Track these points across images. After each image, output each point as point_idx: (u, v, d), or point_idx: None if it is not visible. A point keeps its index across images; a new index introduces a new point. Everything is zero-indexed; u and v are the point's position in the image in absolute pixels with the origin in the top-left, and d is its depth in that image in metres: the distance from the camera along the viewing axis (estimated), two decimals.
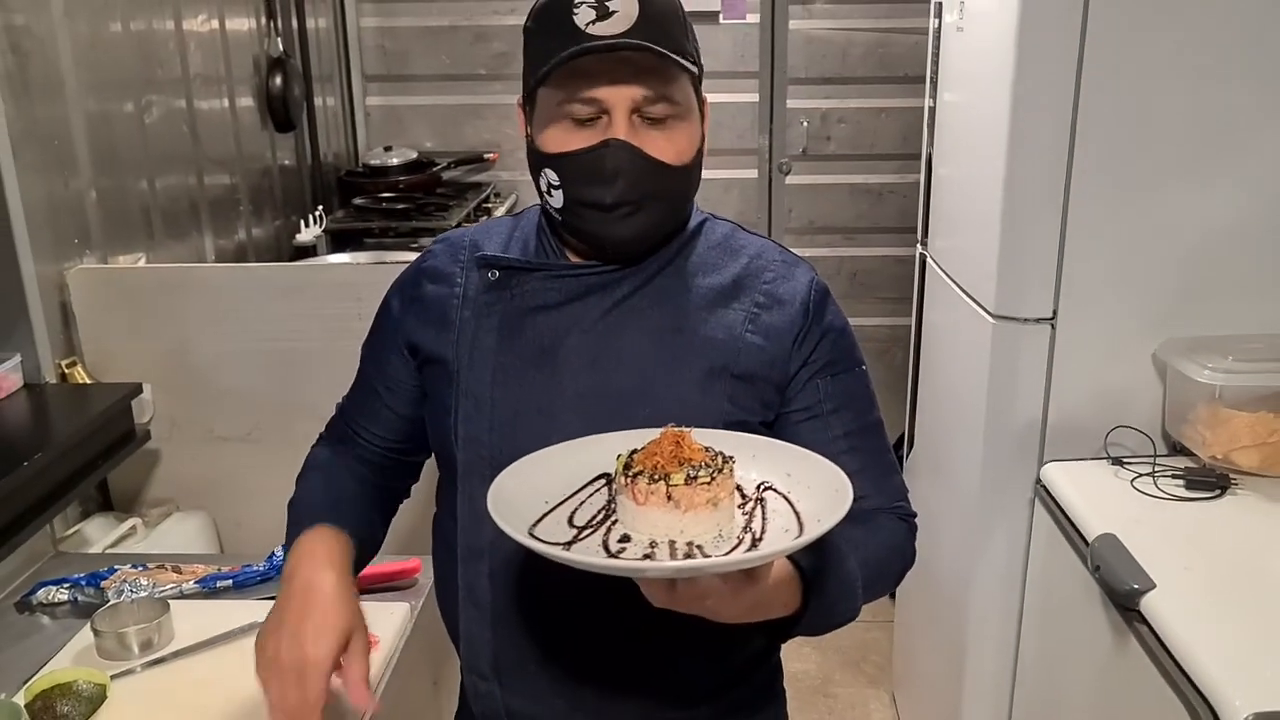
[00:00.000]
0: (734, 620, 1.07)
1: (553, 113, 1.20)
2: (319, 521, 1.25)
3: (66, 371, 2.16)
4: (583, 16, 1.15)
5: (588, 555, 1.00)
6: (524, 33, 1.23)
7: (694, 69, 1.20)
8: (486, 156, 3.92)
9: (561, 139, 1.20)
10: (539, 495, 1.09)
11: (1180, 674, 1.53)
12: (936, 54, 2.58)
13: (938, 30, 2.57)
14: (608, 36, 1.14)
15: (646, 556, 1.01)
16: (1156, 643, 1.61)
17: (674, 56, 1.15)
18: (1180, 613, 1.60)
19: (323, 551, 1.21)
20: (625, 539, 1.04)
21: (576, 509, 1.09)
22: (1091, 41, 1.94)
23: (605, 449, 1.12)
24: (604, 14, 1.15)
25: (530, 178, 1.27)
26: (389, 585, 1.79)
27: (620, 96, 1.17)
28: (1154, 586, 1.66)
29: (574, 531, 1.05)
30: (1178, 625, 1.58)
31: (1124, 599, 1.69)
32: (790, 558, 1.07)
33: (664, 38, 1.16)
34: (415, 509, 2.33)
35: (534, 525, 1.05)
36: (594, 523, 1.07)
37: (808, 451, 1.13)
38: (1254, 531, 1.83)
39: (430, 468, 1.41)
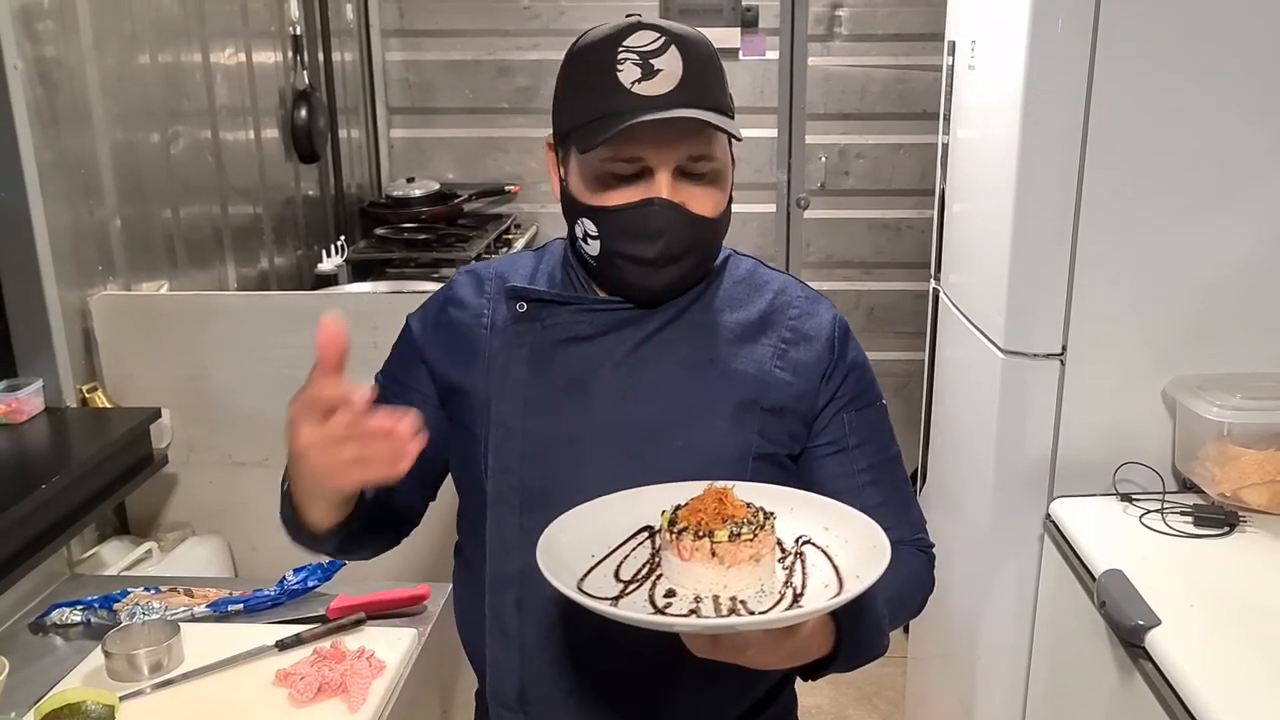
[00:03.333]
0: (772, 667, 1.10)
1: (595, 167, 1.21)
2: None
3: (87, 396, 2.19)
4: (627, 74, 1.16)
5: (635, 611, 1.02)
6: (561, 74, 1.24)
7: (736, 130, 1.20)
8: (508, 189, 3.96)
9: (602, 193, 1.21)
10: (585, 549, 1.11)
11: (1184, 711, 1.53)
12: (950, 91, 2.60)
13: (950, 68, 2.59)
14: (654, 97, 1.15)
15: (692, 612, 1.04)
16: (1161, 679, 1.60)
17: (718, 123, 1.16)
18: (1185, 650, 1.60)
19: None
20: (670, 594, 1.06)
21: (622, 562, 1.11)
22: (1099, 80, 1.96)
23: (649, 502, 1.14)
24: (649, 73, 1.16)
25: (555, 211, 1.28)
26: (397, 612, 1.80)
27: (665, 158, 1.18)
28: (1159, 623, 1.66)
29: (620, 585, 1.08)
30: (1182, 662, 1.57)
31: (1129, 635, 1.68)
32: None
33: (707, 95, 1.18)
34: (426, 536, 2.35)
35: (582, 579, 1.07)
36: (639, 577, 1.09)
37: (844, 505, 1.15)
38: (1261, 569, 1.82)
39: (448, 498, 1.42)
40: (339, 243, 3.39)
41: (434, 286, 1.74)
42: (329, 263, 3.31)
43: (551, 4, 3.87)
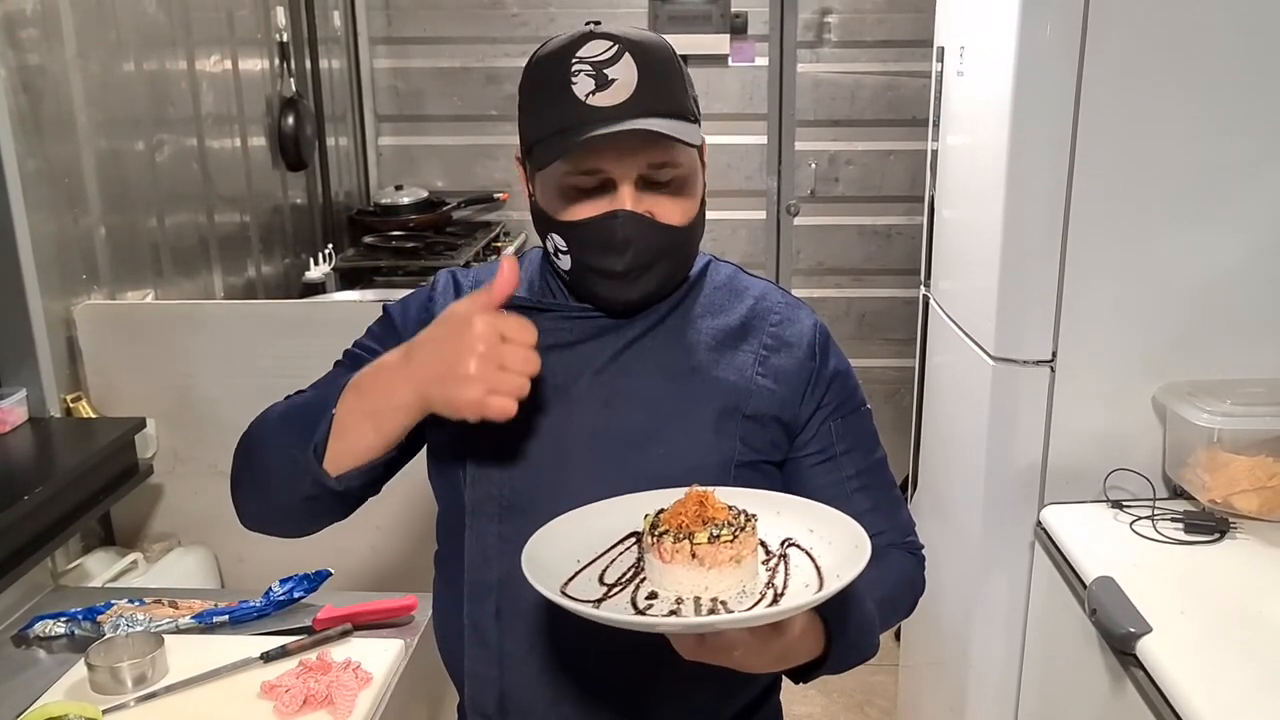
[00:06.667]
0: (761, 670, 1.09)
1: (558, 182, 1.20)
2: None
3: (71, 406, 2.18)
4: (581, 87, 1.14)
5: (615, 612, 1.02)
6: (520, 86, 1.23)
7: (697, 137, 1.19)
8: (496, 196, 3.96)
9: (568, 208, 1.20)
10: (571, 555, 1.11)
11: (1175, 719, 1.52)
12: (939, 98, 2.60)
13: (940, 75, 2.59)
14: (608, 108, 1.14)
15: (672, 613, 1.04)
16: (1152, 687, 1.60)
17: (676, 135, 1.14)
18: (1176, 657, 1.59)
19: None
20: (653, 596, 1.06)
21: (608, 567, 1.11)
22: (1088, 86, 1.95)
23: (639, 507, 1.14)
24: (603, 83, 1.14)
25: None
26: (384, 623, 1.79)
27: (626, 169, 1.17)
28: (1150, 630, 1.65)
29: (604, 589, 1.08)
30: (1173, 670, 1.57)
31: (1120, 643, 1.68)
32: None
33: (664, 101, 1.16)
34: (410, 546, 2.35)
35: (566, 584, 1.07)
36: (623, 580, 1.09)
37: (829, 508, 1.15)
38: (1252, 576, 1.82)
39: (431, 507, 1.40)
40: (327, 251, 3.38)
41: None
42: (316, 271, 3.30)
43: (540, 11, 3.87)
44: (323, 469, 1.16)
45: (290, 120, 3.25)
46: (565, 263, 1.23)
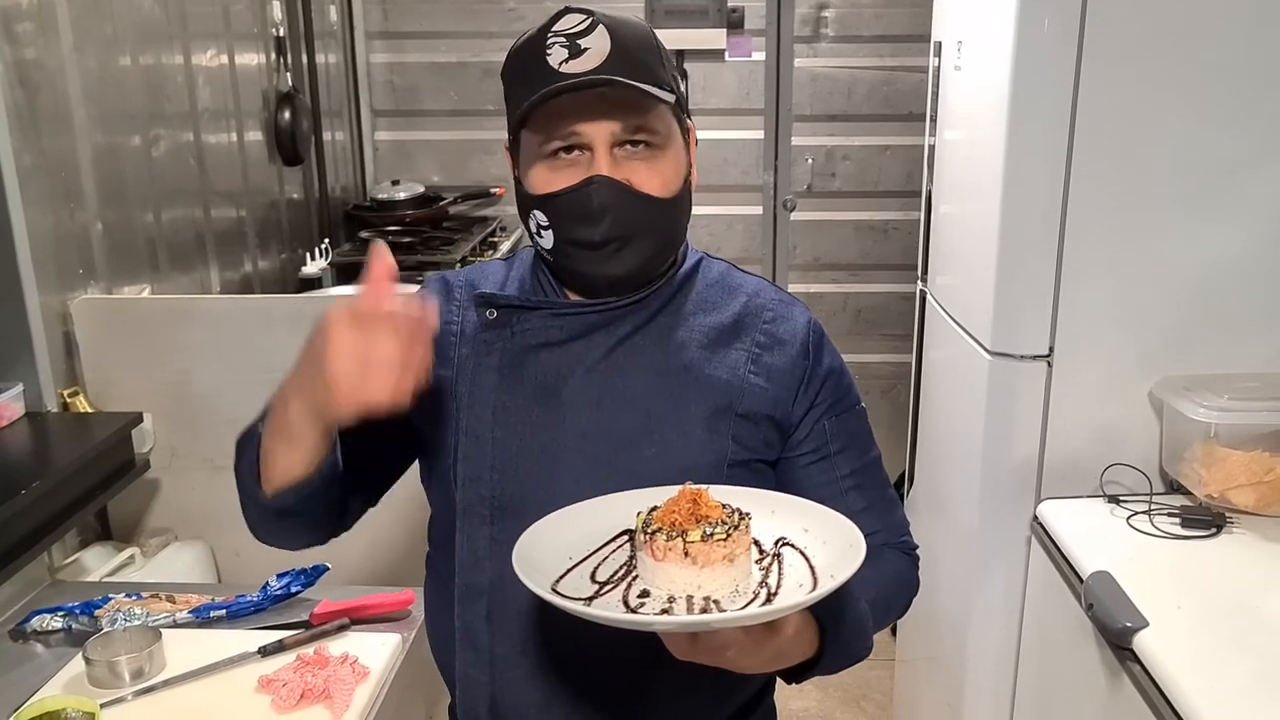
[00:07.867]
0: (755, 670, 1.08)
1: (535, 154, 1.21)
2: None
3: (68, 401, 2.17)
4: (555, 56, 1.16)
5: (607, 610, 1.01)
6: (502, 78, 1.24)
7: (670, 97, 1.19)
8: (493, 191, 3.95)
9: (546, 179, 1.20)
10: (563, 552, 1.11)
11: (1172, 713, 1.52)
12: (936, 93, 2.60)
13: (937, 70, 2.59)
14: (580, 74, 1.14)
15: (664, 611, 1.03)
16: (1149, 681, 1.60)
17: (645, 87, 1.15)
18: (1172, 651, 1.59)
19: None
20: (645, 594, 1.06)
21: (599, 565, 1.11)
22: (1086, 81, 1.95)
23: (630, 506, 1.14)
24: (576, 52, 1.15)
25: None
26: (381, 617, 1.79)
27: (599, 132, 1.17)
28: (1146, 625, 1.65)
29: (596, 587, 1.07)
30: (1170, 664, 1.57)
31: (1116, 637, 1.68)
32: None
33: (638, 69, 1.17)
34: (404, 542, 2.34)
35: (557, 581, 1.06)
36: (615, 578, 1.09)
37: (823, 507, 1.14)
38: (1248, 571, 1.82)
39: (424, 498, 1.40)
40: (323, 246, 3.37)
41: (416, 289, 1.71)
42: (313, 266, 3.29)
43: (536, 5, 3.86)
44: (260, 489, 1.17)
45: (286, 115, 3.24)
46: (547, 240, 1.23)
